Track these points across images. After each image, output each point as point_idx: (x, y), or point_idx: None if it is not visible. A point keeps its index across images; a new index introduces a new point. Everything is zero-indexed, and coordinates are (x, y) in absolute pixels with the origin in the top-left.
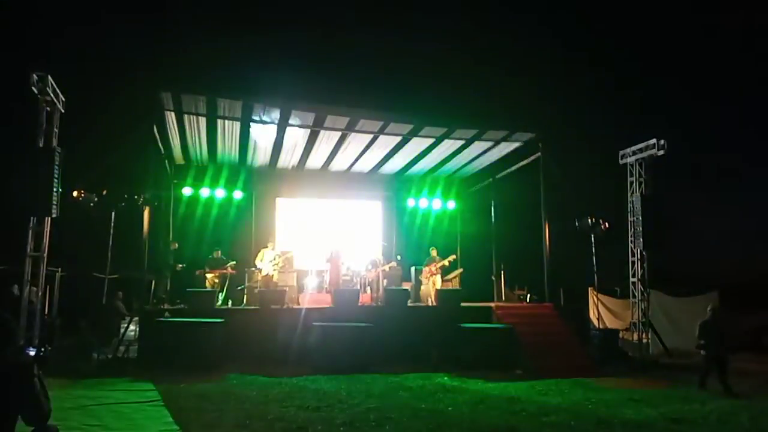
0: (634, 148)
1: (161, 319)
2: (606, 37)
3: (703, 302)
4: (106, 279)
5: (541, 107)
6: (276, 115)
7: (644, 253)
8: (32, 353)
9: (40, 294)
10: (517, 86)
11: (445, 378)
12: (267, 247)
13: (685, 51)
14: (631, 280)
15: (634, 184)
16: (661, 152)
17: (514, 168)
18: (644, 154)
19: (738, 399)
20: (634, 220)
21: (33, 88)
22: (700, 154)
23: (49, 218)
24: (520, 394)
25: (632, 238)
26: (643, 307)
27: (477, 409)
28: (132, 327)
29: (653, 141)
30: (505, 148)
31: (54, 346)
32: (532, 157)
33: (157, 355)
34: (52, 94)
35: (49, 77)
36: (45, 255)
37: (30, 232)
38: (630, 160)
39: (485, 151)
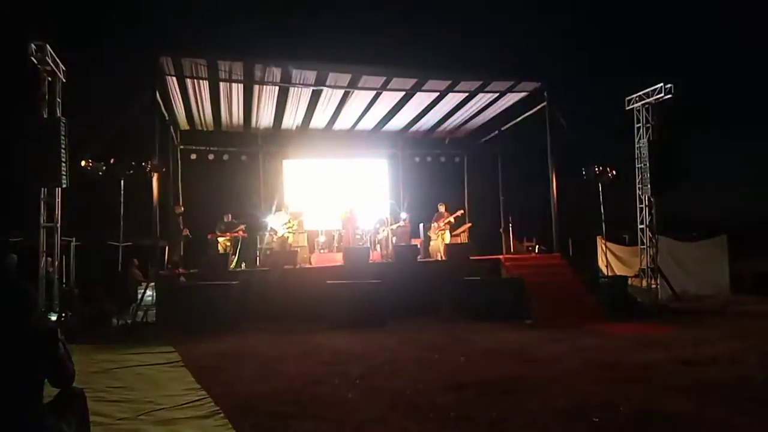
0: (640, 93)
1: (177, 283)
2: None
3: (711, 246)
4: (120, 247)
5: (545, 55)
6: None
7: (652, 199)
8: (53, 319)
9: (56, 263)
10: (521, 35)
11: (457, 330)
12: (281, 210)
13: None
14: (640, 226)
15: (641, 129)
16: (669, 96)
17: (519, 119)
18: (651, 99)
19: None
20: (641, 167)
21: (32, 58)
22: (708, 98)
23: (60, 189)
24: (530, 342)
25: (640, 185)
26: (651, 253)
27: (488, 358)
28: (149, 292)
29: (660, 85)
30: (511, 99)
31: (74, 314)
32: (538, 107)
33: (175, 319)
34: (51, 64)
35: (48, 46)
36: (58, 225)
37: (42, 203)
38: (637, 105)
39: (490, 103)
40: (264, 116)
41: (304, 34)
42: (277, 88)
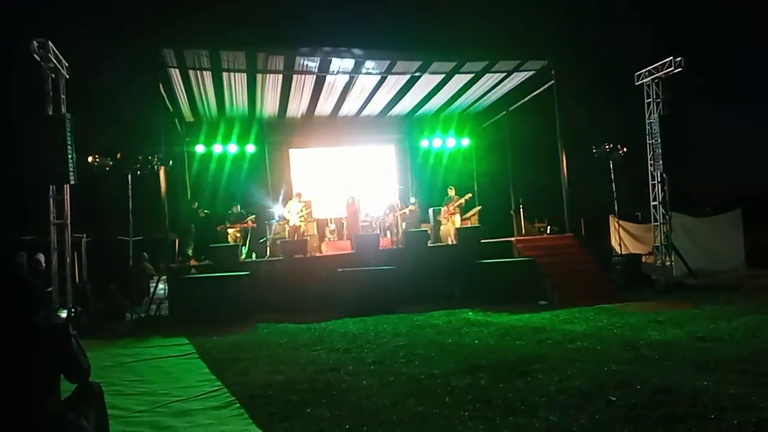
0: (650, 67)
1: (188, 275)
2: None
3: (725, 221)
4: (131, 241)
5: (552, 32)
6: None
7: (664, 175)
8: (64, 315)
9: (68, 260)
10: (526, 12)
11: (470, 313)
12: (293, 198)
13: None
14: (653, 203)
15: (652, 105)
16: (679, 70)
17: (527, 98)
18: (661, 73)
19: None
20: (653, 143)
21: (35, 55)
22: (718, 70)
23: (68, 185)
24: (545, 323)
25: (652, 161)
26: (665, 230)
27: (503, 340)
28: (161, 286)
29: (669, 59)
30: (518, 78)
31: (88, 310)
32: (546, 86)
33: (187, 311)
34: (54, 60)
35: (50, 43)
36: (68, 222)
37: (51, 200)
38: (647, 80)
39: (497, 84)
40: (268, 105)
41: (305, 20)
42: (280, 76)
